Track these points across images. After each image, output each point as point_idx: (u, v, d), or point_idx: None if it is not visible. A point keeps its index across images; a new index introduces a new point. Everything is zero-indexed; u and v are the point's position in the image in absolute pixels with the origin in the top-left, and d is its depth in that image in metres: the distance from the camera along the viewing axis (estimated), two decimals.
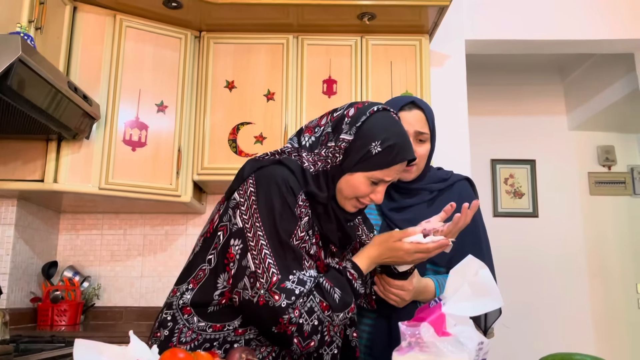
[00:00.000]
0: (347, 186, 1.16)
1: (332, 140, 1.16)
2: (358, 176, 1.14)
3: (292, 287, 1.05)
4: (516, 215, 4.36)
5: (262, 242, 1.07)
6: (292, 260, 1.08)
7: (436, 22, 2.81)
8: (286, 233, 1.09)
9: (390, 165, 1.14)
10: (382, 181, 1.16)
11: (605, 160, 4.42)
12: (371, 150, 1.13)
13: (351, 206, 1.19)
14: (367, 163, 1.13)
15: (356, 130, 1.14)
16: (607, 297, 4.23)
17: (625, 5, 3.26)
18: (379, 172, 1.14)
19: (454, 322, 0.91)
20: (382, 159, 1.13)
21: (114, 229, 3.02)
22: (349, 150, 1.14)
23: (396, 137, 1.15)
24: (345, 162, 1.14)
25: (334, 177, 1.16)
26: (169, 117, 2.72)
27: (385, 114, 1.18)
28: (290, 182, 1.12)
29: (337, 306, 1.08)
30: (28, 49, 1.83)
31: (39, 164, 2.40)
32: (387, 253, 1.17)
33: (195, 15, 2.74)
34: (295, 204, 1.11)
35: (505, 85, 4.57)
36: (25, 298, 2.65)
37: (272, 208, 1.09)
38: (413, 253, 1.15)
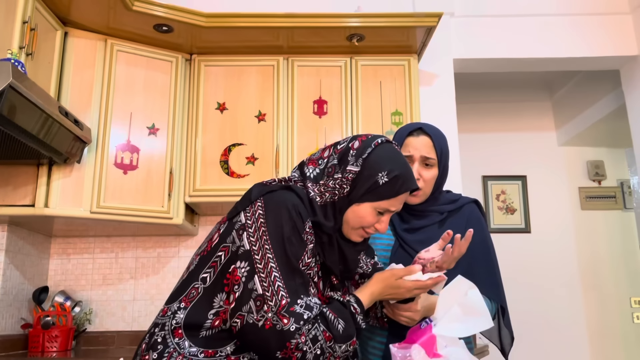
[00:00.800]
0: (354, 216, 1.19)
1: (339, 172, 1.19)
2: (365, 206, 1.18)
3: (301, 311, 1.05)
4: (509, 231, 4.38)
5: (272, 264, 1.08)
6: (300, 285, 1.09)
7: (424, 42, 2.86)
8: (295, 258, 1.10)
9: (397, 195, 1.18)
10: (388, 211, 1.20)
11: (595, 175, 4.46)
12: (378, 180, 1.17)
13: (357, 236, 1.22)
14: (374, 193, 1.17)
15: (362, 161, 1.18)
16: (602, 311, 4.23)
17: (609, 23, 3.33)
18: (386, 202, 1.18)
19: (444, 343, 0.91)
20: (389, 189, 1.17)
21: (105, 253, 3.00)
22: (356, 181, 1.18)
23: (400, 167, 1.19)
24: (352, 193, 1.18)
25: (341, 208, 1.19)
26: (160, 140, 2.73)
27: (389, 146, 1.23)
28: (299, 208, 1.14)
29: (340, 337, 1.08)
30: (19, 75, 1.84)
31: (29, 189, 2.39)
32: (388, 290, 1.20)
33: (185, 38, 2.76)
34: (304, 230, 1.13)
35: (494, 103, 4.63)
36: (16, 324, 2.62)
37: (282, 232, 1.10)
38: (412, 290, 1.19)
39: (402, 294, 1.20)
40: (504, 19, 3.34)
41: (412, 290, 1.19)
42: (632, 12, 3.33)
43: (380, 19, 2.70)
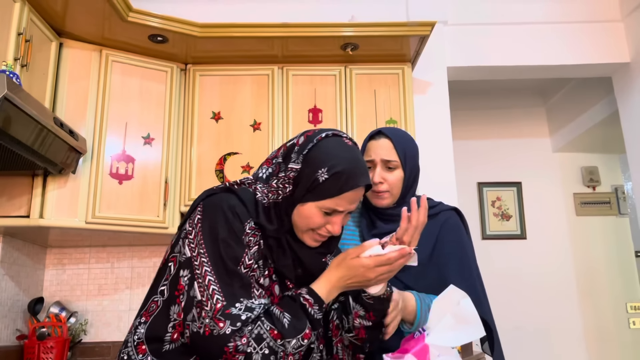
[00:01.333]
0: (300, 218, 1.10)
1: (282, 171, 1.12)
2: (309, 207, 1.09)
3: (238, 313, 1.00)
4: (504, 238, 4.39)
5: (206, 268, 1.04)
6: (239, 287, 1.03)
7: (418, 50, 2.88)
8: (232, 260, 1.05)
9: (340, 193, 1.08)
10: (335, 211, 1.10)
11: (590, 181, 4.48)
12: (318, 178, 1.07)
13: (310, 239, 1.13)
14: (315, 192, 1.08)
15: (303, 158, 1.10)
16: (598, 317, 4.24)
17: (601, 31, 3.36)
18: (329, 201, 1.08)
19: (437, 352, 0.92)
20: (330, 186, 1.07)
21: (101, 263, 3.00)
22: (297, 179, 1.10)
23: (345, 163, 1.09)
24: (295, 192, 1.10)
25: (287, 209, 1.11)
26: (155, 149, 2.74)
27: (334, 140, 1.12)
28: (236, 209, 1.08)
29: (287, 332, 1.01)
30: (13, 87, 1.84)
31: (24, 200, 2.39)
32: (347, 273, 1.08)
33: (180, 48, 2.77)
34: (243, 232, 1.08)
35: (489, 110, 4.66)
36: (11, 336, 2.61)
37: (217, 235, 1.06)
38: (374, 268, 1.07)
39: (364, 275, 1.07)
40: (497, 26, 3.37)
41: (375, 269, 1.06)
42: (623, 20, 3.37)
43: (373, 28, 2.72)
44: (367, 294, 1.14)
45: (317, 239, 1.13)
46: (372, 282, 1.09)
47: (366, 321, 1.16)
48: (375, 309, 1.15)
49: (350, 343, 1.20)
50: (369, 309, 1.15)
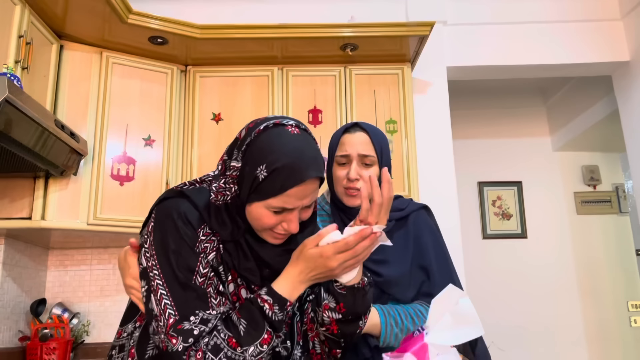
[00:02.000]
0: (251, 219, 1.02)
1: (227, 169, 1.04)
2: (256, 207, 1.00)
3: (191, 327, 0.95)
4: (505, 237, 4.40)
5: (159, 282, 0.98)
6: (193, 299, 0.98)
7: (417, 50, 2.88)
8: (185, 272, 0.99)
9: (284, 191, 0.97)
10: (285, 210, 1.00)
11: (590, 180, 4.48)
12: (258, 176, 0.97)
13: (271, 238, 1.04)
14: (258, 192, 0.98)
15: (242, 155, 1.00)
16: (599, 315, 4.24)
17: (601, 30, 3.36)
18: (274, 200, 0.97)
19: (436, 351, 0.92)
20: (272, 185, 0.97)
21: (103, 264, 3.01)
22: (240, 178, 1.00)
23: (285, 157, 0.96)
24: (240, 192, 1.01)
25: (238, 210, 1.03)
26: (156, 151, 2.75)
27: (276, 131, 1.00)
28: (188, 215, 1.01)
29: (244, 340, 0.95)
30: (15, 89, 1.85)
31: (26, 202, 2.41)
32: (307, 265, 1.00)
33: (180, 50, 2.78)
34: (196, 239, 1.01)
35: (489, 109, 4.66)
36: (14, 337, 2.62)
37: (167, 246, 0.99)
38: (334, 255, 0.98)
39: (326, 265, 0.98)
40: (496, 26, 3.38)
41: (336, 257, 0.97)
42: (622, 19, 3.37)
43: (373, 28, 2.73)
44: (338, 284, 1.05)
45: (278, 237, 1.03)
46: (338, 272, 1.00)
47: (336, 314, 1.06)
48: (347, 301, 1.05)
49: (326, 338, 1.11)
50: (340, 300, 1.05)
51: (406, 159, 2.81)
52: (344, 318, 1.06)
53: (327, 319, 1.07)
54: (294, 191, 0.97)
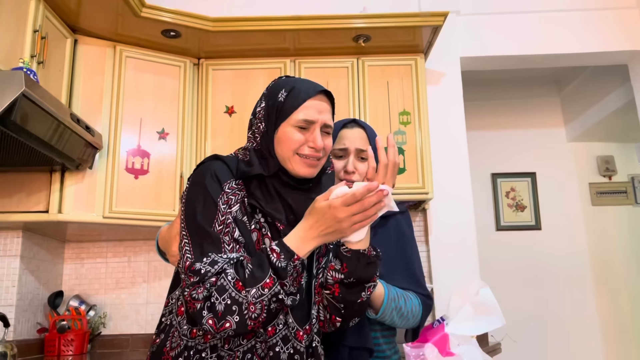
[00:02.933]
0: (280, 145, 1.17)
1: (254, 121, 1.23)
2: (282, 129, 1.16)
3: (201, 267, 1.05)
4: (519, 229, 4.37)
5: (183, 232, 1.13)
6: (208, 243, 1.08)
7: (430, 41, 2.86)
8: (204, 219, 1.10)
9: (304, 101, 1.16)
10: (308, 122, 1.16)
11: (606, 171, 4.44)
12: (280, 99, 1.17)
13: (300, 165, 1.16)
14: (282, 113, 1.16)
15: (265, 97, 1.22)
16: (614, 307, 4.21)
17: (617, 18, 3.31)
18: (296, 113, 1.16)
19: (457, 341, 0.92)
20: (292, 100, 1.16)
21: (118, 257, 3.03)
22: (266, 114, 1.19)
23: (298, 82, 1.20)
24: (268, 126, 1.18)
25: (268, 147, 1.18)
26: (170, 144, 2.76)
27: (286, 77, 1.26)
28: (217, 171, 1.15)
29: (247, 281, 1.04)
30: (31, 83, 1.86)
31: (43, 195, 2.43)
32: (316, 219, 1.07)
33: (193, 43, 2.78)
34: (220, 192, 1.13)
35: (503, 100, 4.62)
36: (32, 329, 2.65)
37: (194, 198, 1.13)
38: (342, 207, 1.04)
39: (335, 218, 1.04)
40: (510, 15, 3.34)
41: (344, 209, 1.04)
42: (639, 6, 3.32)
43: (386, 19, 2.71)
44: (345, 247, 1.13)
45: (307, 162, 1.16)
46: (346, 227, 1.05)
47: (339, 274, 1.14)
48: (350, 263, 1.12)
49: (328, 303, 1.19)
50: (344, 260, 1.13)
51: (420, 151, 2.80)
52: (346, 280, 1.13)
53: (331, 279, 1.15)
54: (310, 102, 1.16)
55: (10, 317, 2.44)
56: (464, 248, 2.98)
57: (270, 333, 1.12)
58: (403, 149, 2.81)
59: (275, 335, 1.12)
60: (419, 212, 3.09)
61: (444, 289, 2.92)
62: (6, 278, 2.54)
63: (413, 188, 2.76)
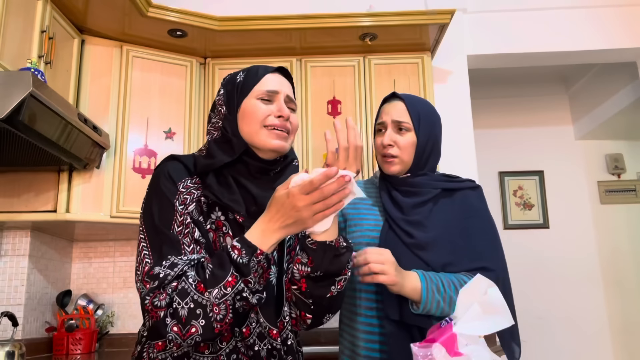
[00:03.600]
0: (246, 119, 1.15)
1: (215, 110, 1.21)
2: (246, 104, 1.15)
3: (160, 271, 1.00)
4: (527, 227, 4.34)
5: (142, 236, 1.08)
6: (167, 246, 1.04)
7: (437, 39, 2.85)
8: (163, 221, 1.06)
9: (262, 75, 1.17)
10: (270, 93, 1.15)
11: (615, 169, 4.40)
12: (238, 80, 1.18)
13: (269, 139, 1.13)
14: (242, 91, 1.16)
15: (222, 86, 1.22)
16: (624, 306, 4.18)
17: (625, 15, 3.28)
18: (258, 85, 1.16)
19: (465, 341, 0.91)
20: (251, 77, 1.17)
21: (126, 256, 3.04)
22: (226, 99, 1.18)
23: (251, 66, 1.22)
24: (229, 108, 1.17)
25: (232, 129, 1.15)
26: (177, 144, 2.76)
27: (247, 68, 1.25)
28: (170, 171, 1.12)
29: (207, 282, 0.98)
30: (39, 83, 1.87)
31: (51, 195, 2.44)
32: (277, 210, 1.00)
33: (199, 42, 2.79)
34: (176, 192, 1.10)
35: (510, 98, 4.59)
36: (41, 328, 2.67)
37: (151, 201, 1.10)
38: (301, 195, 0.97)
39: (295, 206, 0.97)
40: (517, 13, 3.32)
41: (303, 197, 0.97)
42: None
43: (392, 17, 2.70)
44: (310, 239, 1.07)
45: (276, 133, 1.14)
46: (307, 216, 0.99)
47: (305, 267, 1.08)
48: (316, 256, 1.07)
49: (296, 299, 1.14)
50: (310, 253, 1.08)
51: None
52: (313, 273, 1.08)
53: (297, 273, 1.11)
54: (270, 76, 1.17)
55: (19, 316, 2.46)
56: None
57: (246, 334, 1.09)
58: None
59: (251, 335, 1.10)
60: None
61: None
62: (15, 277, 2.55)
63: None
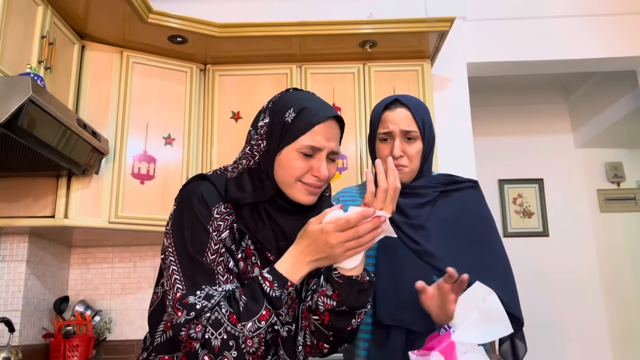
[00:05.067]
0: (282, 169, 1.06)
1: (253, 134, 1.12)
2: (286, 153, 1.06)
3: (195, 301, 0.98)
4: (526, 235, 4.33)
5: (172, 259, 1.04)
6: (201, 275, 1.01)
7: (437, 47, 2.85)
8: (196, 248, 1.02)
9: (313, 126, 1.05)
10: (314, 149, 1.05)
11: (614, 177, 4.40)
12: (287, 119, 1.06)
13: (301, 193, 1.07)
14: (288, 135, 1.05)
15: (269, 111, 1.10)
16: (623, 315, 4.16)
17: (625, 24, 3.29)
18: (303, 138, 1.05)
19: (464, 349, 0.91)
20: (301, 122, 1.05)
21: (124, 262, 3.03)
22: (269, 132, 1.08)
23: (310, 101, 1.09)
24: (270, 146, 1.07)
25: (267, 168, 1.08)
26: (176, 150, 2.76)
27: (296, 90, 1.15)
28: (204, 195, 1.06)
29: (242, 315, 0.97)
30: (38, 89, 1.87)
31: (49, 200, 2.43)
32: (308, 243, 1.00)
33: (200, 49, 2.79)
34: (210, 218, 1.04)
35: (509, 106, 4.60)
36: (38, 334, 2.65)
37: (182, 224, 1.05)
38: (335, 233, 0.97)
39: (328, 243, 0.97)
40: (517, 21, 3.32)
41: (337, 235, 0.96)
42: None
43: (392, 25, 2.70)
44: (337, 272, 1.06)
45: (309, 190, 1.07)
46: (338, 253, 0.99)
47: (330, 301, 1.07)
48: (343, 290, 1.06)
49: (316, 329, 1.12)
50: (336, 287, 1.06)
51: None
52: (337, 308, 1.07)
53: (322, 305, 1.08)
54: (320, 128, 1.06)
55: (15, 322, 2.44)
56: None
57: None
58: None
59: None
60: None
61: None
62: (12, 283, 2.54)
63: None
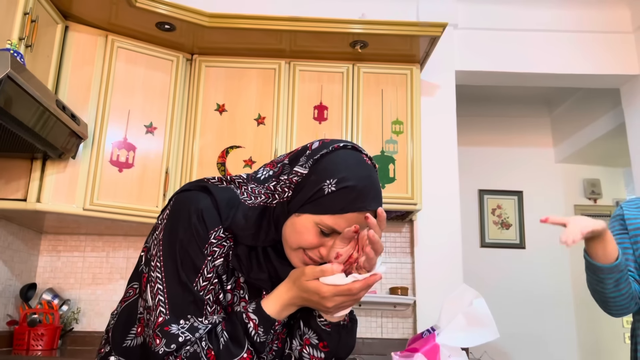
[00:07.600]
0: (292, 231, 0.94)
1: (286, 174, 0.97)
2: (305, 219, 0.93)
3: (178, 332, 0.90)
4: (503, 246, 4.36)
5: (158, 274, 0.93)
6: (188, 303, 0.92)
7: (427, 52, 2.85)
8: (188, 272, 0.92)
9: (345, 212, 0.91)
10: (333, 232, 0.92)
11: (591, 194, 4.46)
12: (324, 188, 0.91)
13: (297, 260, 0.96)
14: (316, 203, 0.92)
15: (313, 163, 0.95)
16: (594, 330, 4.21)
17: (611, 41, 3.34)
18: (329, 217, 0.91)
19: (448, 352, 0.88)
20: (336, 200, 0.91)
21: (96, 251, 2.95)
22: (300, 185, 0.94)
23: (358, 180, 0.92)
24: (294, 199, 0.94)
25: (278, 217, 0.96)
26: (157, 139, 2.70)
27: (352, 153, 0.96)
28: (205, 214, 0.94)
29: (220, 354, 0.89)
30: (17, 66, 1.80)
31: (22, 183, 2.35)
32: (301, 296, 0.92)
33: (187, 38, 2.74)
34: (207, 241, 0.93)
35: (493, 117, 4.63)
36: (2, 321, 2.56)
37: (176, 238, 0.93)
38: (332, 297, 0.90)
39: (320, 302, 0.90)
40: (506, 32, 3.35)
41: (334, 298, 0.89)
42: (634, 32, 3.35)
43: (384, 26, 2.69)
44: (323, 320, 0.97)
45: (306, 261, 0.95)
46: (332, 311, 0.92)
47: (318, 352, 0.98)
48: (332, 339, 0.97)
49: None
50: (324, 337, 0.97)
51: (410, 161, 2.77)
52: (327, 358, 0.99)
53: (307, 357, 0.99)
54: (352, 216, 0.91)
55: None
56: (449, 261, 2.96)
57: None
58: (394, 158, 2.78)
59: None
60: (406, 222, 3.06)
61: (427, 302, 2.89)
62: None
63: (402, 198, 2.73)
